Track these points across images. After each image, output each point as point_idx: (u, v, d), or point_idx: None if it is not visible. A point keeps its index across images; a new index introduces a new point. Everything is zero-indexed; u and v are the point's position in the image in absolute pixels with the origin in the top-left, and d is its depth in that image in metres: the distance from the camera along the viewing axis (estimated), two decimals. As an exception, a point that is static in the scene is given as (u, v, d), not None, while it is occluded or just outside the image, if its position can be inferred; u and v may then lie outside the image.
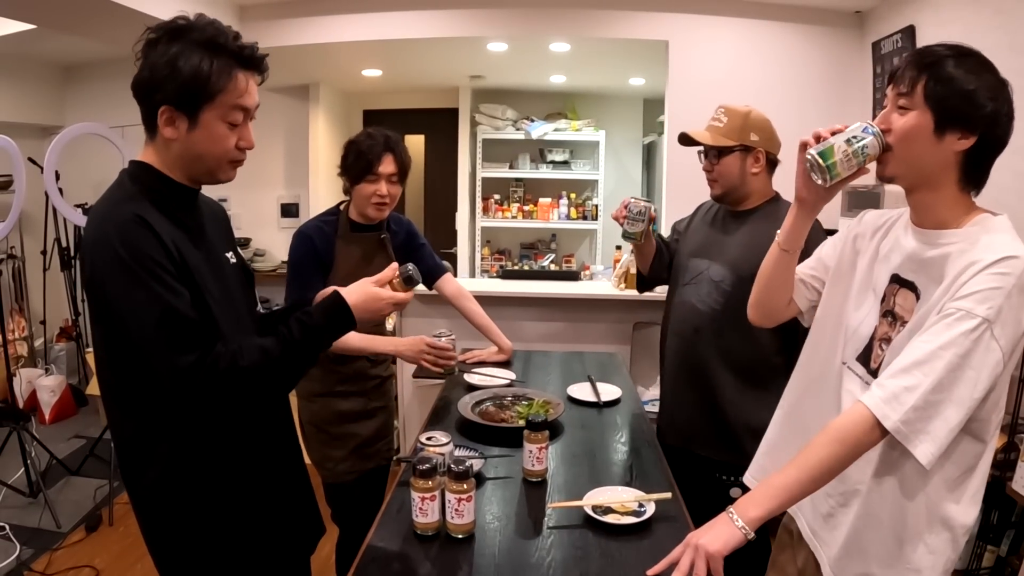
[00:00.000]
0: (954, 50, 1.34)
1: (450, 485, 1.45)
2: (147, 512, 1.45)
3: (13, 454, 3.91)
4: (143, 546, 1.48)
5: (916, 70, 1.33)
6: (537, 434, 1.73)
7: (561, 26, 4.17)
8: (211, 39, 1.35)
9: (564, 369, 2.71)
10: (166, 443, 1.39)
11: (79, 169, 5.28)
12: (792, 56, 4.06)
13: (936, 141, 1.31)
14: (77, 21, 3.71)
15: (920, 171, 1.36)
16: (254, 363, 1.33)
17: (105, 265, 1.27)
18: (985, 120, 1.30)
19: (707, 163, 2.24)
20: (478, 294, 2.79)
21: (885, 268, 1.46)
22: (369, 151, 2.35)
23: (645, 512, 1.57)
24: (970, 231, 1.33)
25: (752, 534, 1.27)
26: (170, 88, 1.32)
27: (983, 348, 1.22)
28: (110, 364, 1.38)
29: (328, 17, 4.19)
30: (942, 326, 1.25)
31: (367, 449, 2.53)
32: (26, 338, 5.54)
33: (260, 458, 1.52)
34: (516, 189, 6.34)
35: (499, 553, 1.45)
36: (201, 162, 1.40)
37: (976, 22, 2.89)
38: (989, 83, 1.31)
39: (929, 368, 1.23)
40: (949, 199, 1.36)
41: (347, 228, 2.46)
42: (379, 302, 1.51)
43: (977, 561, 2.30)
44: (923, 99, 1.31)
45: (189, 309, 1.30)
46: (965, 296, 1.24)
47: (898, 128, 1.35)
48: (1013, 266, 1.23)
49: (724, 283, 2.17)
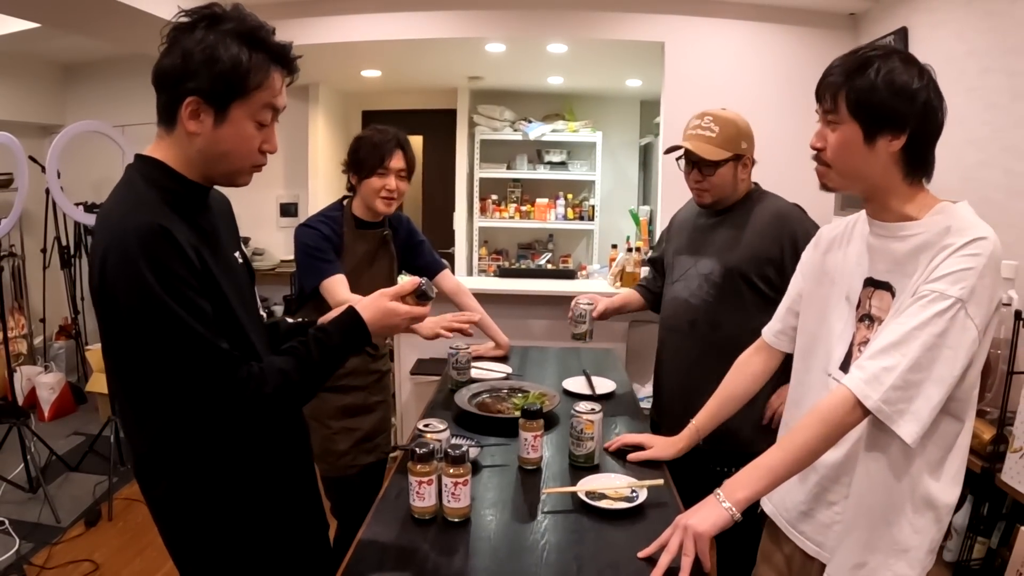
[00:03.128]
0: (876, 51, 1.35)
1: (446, 469, 1.48)
2: (164, 519, 1.42)
3: (13, 450, 3.93)
4: (142, 541, 1.49)
5: (835, 84, 1.35)
6: (532, 422, 1.76)
7: (558, 27, 4.20)
8: (251, 32, 1.29)
9: (560, 364, 2.74)
10: (181, 454, 1.36)
11: (80, 168, 5.31)
12: (786, 58, 4.10)
13: (869, 149, 1.34)
14: (79, 20, 3.73)
15: (863, 179, 1.39)
16: (276, 388, 1.30)
17: (125, 279, 1.20)
18: (914, 116, 1.32)
19: (697, 174, 2.21)
20: (476, 291, 2.82)
21: (858, 274, 1.49)
22: (382, 145, 2.39)
23: (637, 498, 1.60)
24: (933, 220, 1.35)
25: (739, 515, 1.31)
26: (204, 77, 1.24)
27: (959, 327, 1.26)
28: (123, 376, 1.33)
29: (327, 18, 4.22)
30: (916, 307, 1.28)
31: (367, 443, 2.57)
32: (26, 336, 5.55)
33: (273, 463, 1.50)
34: (514, 189, 6.38)
35: (495, 536, 1.48)
36: (224, 161, 1.34)
37: (968, 23, 2.93)
38: (910, 77, 1.32)
39: (906, 348, 1.27)
40: (902, 195, 1.39)
41: (352, 224, 2.49)
42: (395, 317, 1.47)
43: (968, 553, 2.32)
44: (847, 112, 1.34)
45: (211, 329, 1.25)
46: (938, 278, 1.28)
47: (831, 144, 1.38)
48: (983, 246, 1.27)
49: (713, 275, 2.20)
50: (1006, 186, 2.64)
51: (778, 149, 2.23)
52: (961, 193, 1.45)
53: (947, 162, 2.79)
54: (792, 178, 2.52)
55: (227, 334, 1.31)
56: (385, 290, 1.50)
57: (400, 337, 4.08)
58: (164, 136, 1.33)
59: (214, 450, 1.37)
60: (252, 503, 1.45)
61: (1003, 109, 2.69)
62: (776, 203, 2.25)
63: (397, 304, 1.48)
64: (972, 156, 2.81)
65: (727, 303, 2.19)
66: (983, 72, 2.79)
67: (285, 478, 1.54)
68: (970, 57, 2.87)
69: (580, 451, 1.80)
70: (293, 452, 1.59)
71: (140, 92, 5.64)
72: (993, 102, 2.73)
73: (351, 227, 2.49)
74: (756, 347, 1.86)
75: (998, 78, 2.72)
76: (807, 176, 1.48)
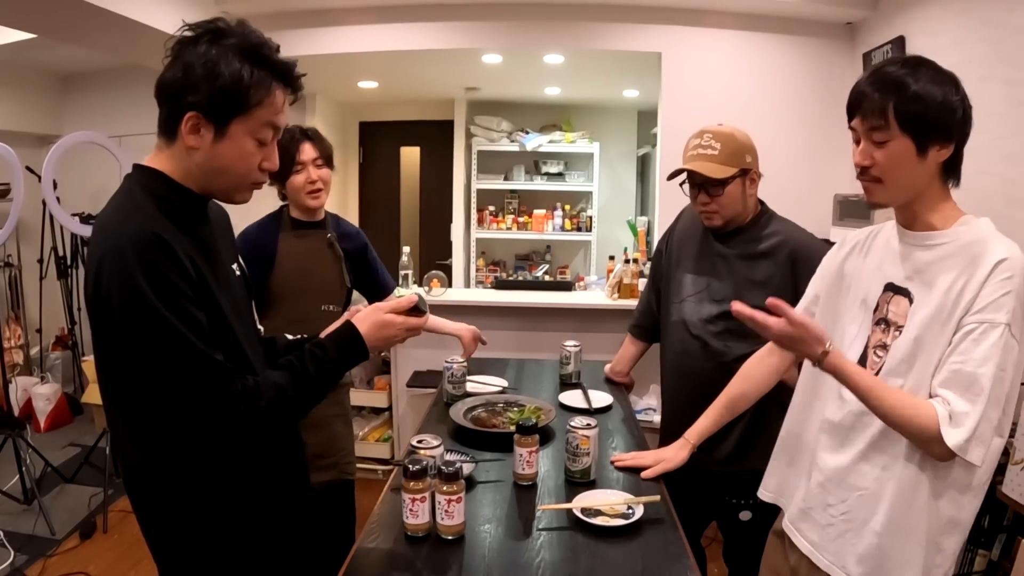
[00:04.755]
0: (906, 65, 1.36)
1: (440, 486, 1.46)
2: (154, 533, 1.40)
3: (8, 461, 3.91)
4: (137, 553, 1.47)
5: (878, 99, 1.35)
6: (527, 438, 1.75)
7: (555, 38, 4.20)
8: (255, 48, 1.28)
9: (556, 377, 2.72)
10: (173, 467, 1.34)
11: (76, 178, 5.30)
12: (784, 67, 4.10)
13: (921, 161, 1.36)
14: (76, 31, 3.73)
15: (912, 191, 1.40)
16: (271, 402, 1.30)
17: (119, 287, 1.19)
18: (958, 124, 1.35)
19: (704, 196, 2.12)
20: (473, 304, 2.81)
21: (878, 279, 1.50)
22: (288, 145, 2.33)
23: (633, 515, 1.58)
24: (958, 231, 1.38)
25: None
26: (204, 92, 1.24)
27: (1009, 349, 1.30)
28: (115, 387, 1.32)
29: (325, 29, 4.22)
30: (970, 343, 1.31)
31: (321, 460, 2.44)
32: (22, 346, 5.54)
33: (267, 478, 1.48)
34: (511, 200, 6.37)
35: (489, 554, 1.47)
36: (223, 177, 1.33)
37: (965, 32, 2.93)
38: (949, 88, 1.34)
39: (979, 388, 1.29)
40: (934, 199, 1.41)
41: (289, 225, 2.47)
42: (391, 328, 1.47)
43: (969, 566, 2.31)
44: (897, 126, 1.34)
45: (206, 340, 1.24)
46: (981, 309, 1.31)
47: (882, 162, 1.38)
48: (1012, 266, 1.30)
49: (726, 302, 2.09)
50: (1004, 195, 2.64)
51: (776, 159, 2.21)
52: (960, 203, 1.45)
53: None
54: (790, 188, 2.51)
55: (222, 346, 1.30)
56: (381, 304, 1.51)
57: (397, 350, 4.08)
58: (164, 148, 1.32)
59: (206, 464, 1.36)
60: (244, 518, 1.44)
61: (1001, 118, 2.69)
62: (794, 235, 2.15)
63: (393, 316, 1.48)
64: (970, 165, 2.74)
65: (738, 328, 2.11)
66: (980, 81, 2.78)
67: (279, 493, 1.52)
68: (967, 66, 2.86)
69: (576, 466, 1.79)
70: (287, 467, 1.57)
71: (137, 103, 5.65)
72: (990, 111, 2.72)
73: (288, 229, 2.45)
74: (769, 349, 1.87)
75: (995, 87, 2.72)
76: (805, 185, 1.48)
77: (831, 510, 1.51)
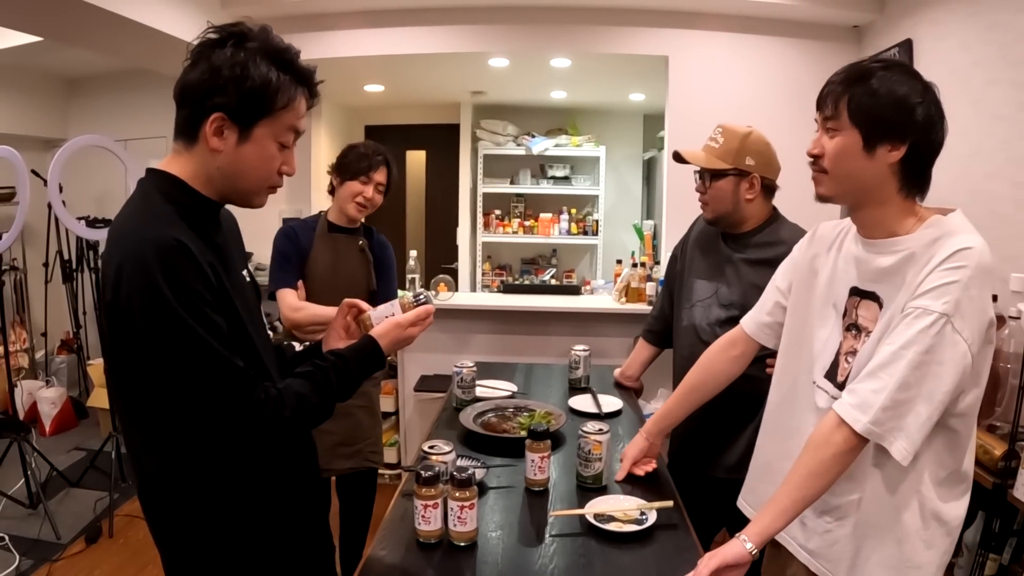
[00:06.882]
0: (882, 63, 1.35)
1: (452, 493, 1.46)
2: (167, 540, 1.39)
3: (13, 465, 3.90)
4: (143, 558, 1.47)
5: (837, 91, 1.35)
6: (539, 443, 1.74)
7: (562, 42, 4.20)
8: (280, 52, 1.30)
9: (566, 381, 2.72)
10: (191, 474, 1.33)
11: (82, 182, 5.30)
12: (791, 71, 4.09)
13: (867, 157, 1.34)
14: (82, 34, 3.73)
15: (857, 188, 1.38)
16: (294, 410, 1.31)
17: (141, 294, 1.18)
18: (915, 127, 1.31)
19: (700, 184, 2.19)
20: (480, 308, 2.81)
21: (844, 282, 1.49)
22: (371, 156, 2.57)
23: (647, 520, 1.58)
24: (923, 234, 1.35)
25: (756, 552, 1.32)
26: (233, 94, 1.24)
27: (947, 342, 1.25)
28: (131, 393, 1.30)
29: (330, 32, 4.22)
30: (902, 326, 1.29)
31: (344, 448, 2.59)
32: (27, 350, 5.54)
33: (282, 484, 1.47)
34: (517, 204, 6.37)
35: (502, 561, 1.46)
36: (243, 179, 1.33)
37: (973, 35, 2.92)
38: (912, 89, 1.32)
39: (893, 368, 1.27)
40: (895, 210, 1.38)
41: (325, 227, 2.67)
42: (401, 328, 1.52)
43: (979, 570, 2.29)
44: (848, 119, 1.34)
45: (227, 346, 1.24)
46: (922, 294, 1.28)
47: (829, 151, 1.37)
48: (967, 257, 1.26)
49: (734, 307, 2.13)
50: (1013, 198, 2.62)
51: (783, 162, 2.20)
52: (968, 206, 1.43)
53: (953, 175, 2.80)
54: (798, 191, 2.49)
55: (240, 352, 1.30)
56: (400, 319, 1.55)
57: (403, 353, 4.07)
58: (183, 151, 1.31)
59: (222, 471, 1.35)
60: (258, 524, 1.43)
61: (1009, 121, 2.68)
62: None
63: (399, 316, 1.54)
64: (979, 168, 2.80)
65: None
66: (988, 84, 2.78)
67: (293, 500, 1.51)
68: (975, 69, 2.87)
69: (588, 472, 1.78)
70: (302, 473, 1.56)
71: (143, 107, 5.64)
72: (999, 114, 2.72)
73: (323, 231, 2.65)
74: (731, 339, 1.85)
75: (1003, 90, 2.71)
76: (812, 189, 1.47)
77: (825, 517, 1.50)
